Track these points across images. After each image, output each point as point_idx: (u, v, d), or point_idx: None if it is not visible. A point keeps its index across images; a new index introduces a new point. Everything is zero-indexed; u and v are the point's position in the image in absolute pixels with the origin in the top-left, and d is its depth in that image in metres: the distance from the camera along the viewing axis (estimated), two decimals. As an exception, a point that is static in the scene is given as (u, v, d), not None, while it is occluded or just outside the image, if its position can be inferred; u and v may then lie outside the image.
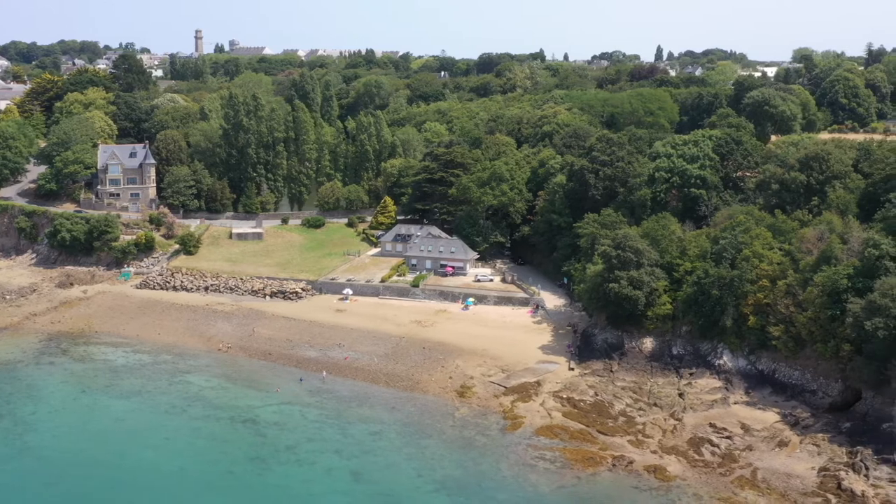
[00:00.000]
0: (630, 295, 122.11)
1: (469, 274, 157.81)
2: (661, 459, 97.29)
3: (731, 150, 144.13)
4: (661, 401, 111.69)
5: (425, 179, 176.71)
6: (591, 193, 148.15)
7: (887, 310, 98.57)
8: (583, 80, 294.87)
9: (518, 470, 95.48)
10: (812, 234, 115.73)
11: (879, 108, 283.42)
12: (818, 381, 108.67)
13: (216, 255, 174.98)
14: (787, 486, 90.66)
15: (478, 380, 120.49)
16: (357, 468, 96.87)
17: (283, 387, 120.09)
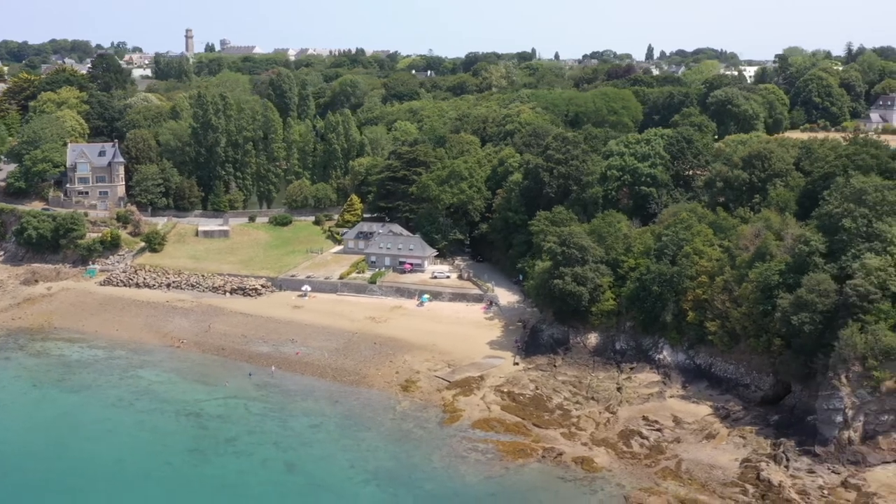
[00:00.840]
0: (574, 291, 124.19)
1: (427, 271, 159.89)
2: (591, 451, 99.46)
3: (682, 148, 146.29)
4: (598, 394, 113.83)
5: (388, 178, 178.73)
6: (546, 191, 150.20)
7: (813, 305, 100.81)
8: (559, 79, 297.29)
9: (449, 461, 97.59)
10: (749, 231, 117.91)
11: (854, 106, 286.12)
12: (751, 375, 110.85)
13: (181, 253, 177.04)
14: (708, 476, 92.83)
15: (423, 374, 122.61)
16: (293, 459, 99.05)
17: (232, 381, 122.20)
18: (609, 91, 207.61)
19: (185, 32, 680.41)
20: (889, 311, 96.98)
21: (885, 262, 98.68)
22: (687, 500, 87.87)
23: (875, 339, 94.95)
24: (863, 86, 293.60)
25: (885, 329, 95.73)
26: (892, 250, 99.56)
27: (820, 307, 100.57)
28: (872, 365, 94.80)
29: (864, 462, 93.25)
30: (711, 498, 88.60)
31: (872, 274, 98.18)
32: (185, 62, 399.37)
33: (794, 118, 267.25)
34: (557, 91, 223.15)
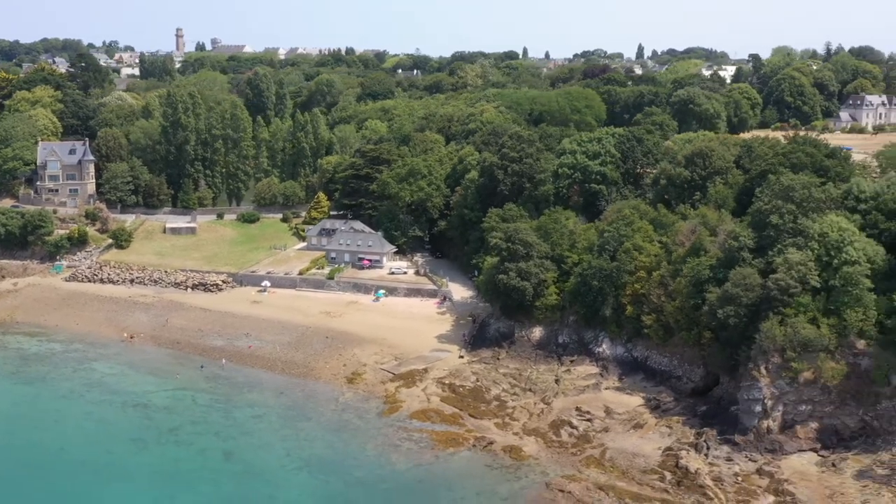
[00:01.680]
0: (518, 286, 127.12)
1: (385, 267, 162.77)
2: (521, 440, 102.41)
3: (632, 147, 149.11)
4: (536, 386, 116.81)
5: (352, 176, 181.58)
6: (500, 189, 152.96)
7: (738, 298, 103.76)
8: (535, 78, 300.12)
9: (382, 450, 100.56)
10: (686, 227, 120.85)
11: (827, 106, 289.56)
12: (683, 367, 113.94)
13: (147, 249, 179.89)
14: (630, 464, 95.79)
15: (370, 367, 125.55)
16: (231, 448, 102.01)
17: (183, 374, 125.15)
18: (573, 90, 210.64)
19: (175, 32, 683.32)
20: (808, 305, 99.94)
21: (806, 257, 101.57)
22: (605, 487, 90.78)
23: (794, 331, 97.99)
24: (836, 85, 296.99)
25: (803, 322, 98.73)
26: (813, 245, 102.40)
27: (745, 301, 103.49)
28: (791, 356, 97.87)
29: (781, 450, 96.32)
30: (629, 484, 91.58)
31: (793, 268, 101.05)
32: (168, 61, 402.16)
33: (766, 117, 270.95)
34: (523, 91, 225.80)
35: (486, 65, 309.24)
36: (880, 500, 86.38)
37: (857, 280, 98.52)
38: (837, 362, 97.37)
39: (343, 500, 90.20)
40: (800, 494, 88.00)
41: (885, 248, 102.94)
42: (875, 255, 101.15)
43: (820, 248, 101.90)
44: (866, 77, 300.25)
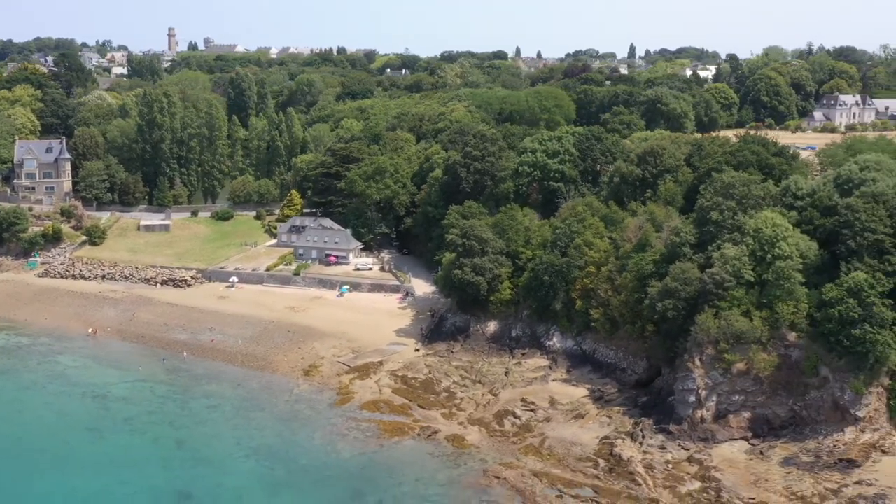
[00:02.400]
0: (473, 281, 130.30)
1: (351, 263, 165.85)
2: (465, 430, 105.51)
3: (591, 145, 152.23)
4: (485, 378, 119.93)
5: (322, 174, 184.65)
6: (462, 186, 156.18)
7: (677, 292, 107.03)
8: (515, 78, 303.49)
9: (329, 438, 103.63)
10: (634, 223, 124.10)
11: (804, 105, 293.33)
12: (628, 359, 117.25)
13: (120, 246, 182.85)
14: (567, 452, 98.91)
15: (327, 360, 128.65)
16: (183, 437, 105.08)
17: (145, 366, 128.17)
18: (542, 90, 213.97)
19: (167, 31, 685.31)
20: (742, 298, 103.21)
21: (741, 252, 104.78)
22: (540, 473, 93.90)
23: (727, 324, 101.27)
24: (813, 85, 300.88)
25: (737, 314, 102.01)
26: (748, 241, 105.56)
27: (683, 294, 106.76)
28: (724, 348, 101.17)
29: (713, 439, 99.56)
30: (563, 471, 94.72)
31: (728, 263, 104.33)
32: (156, 61, 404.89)
33: (742, 116, 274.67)
34: (493, 91, 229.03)
35: (466, 65, 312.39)
36: (802, 485, 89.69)
37: (788, 274, 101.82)
38: (769, 354, 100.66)
39: (286, 485, 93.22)
40: (725, 480, 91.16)
41: (818, 243, 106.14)
42: (808, 251, 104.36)
43: (754, 243, 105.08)
44: (843, 77, 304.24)
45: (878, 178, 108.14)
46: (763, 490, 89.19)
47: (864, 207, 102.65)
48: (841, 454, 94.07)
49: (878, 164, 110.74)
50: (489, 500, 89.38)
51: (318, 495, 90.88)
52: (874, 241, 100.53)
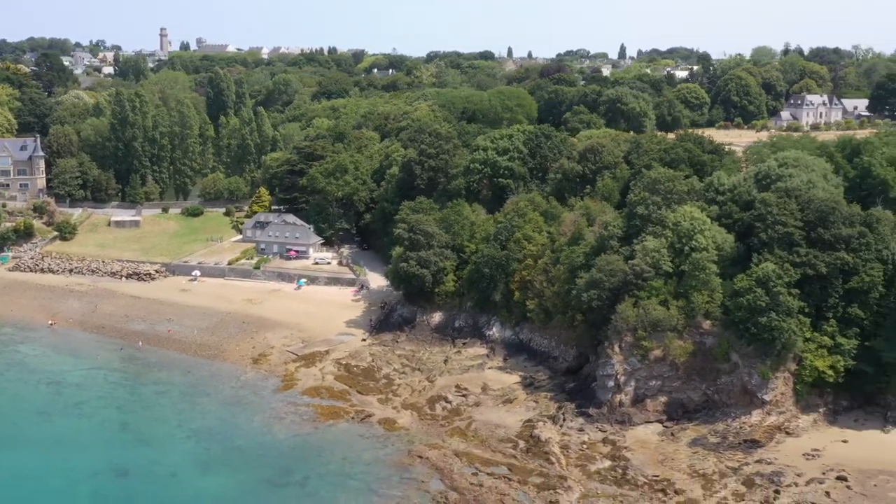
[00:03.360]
0: (418, 273, 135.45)
1: (311, 257, 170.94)
2: (398, 414, 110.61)
3: (540, 143, 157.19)
4: (424, 366, 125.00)
5: (287, 171, 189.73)
6: (417, 183, 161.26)
7: (601, 283, 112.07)
8: (491, 78, 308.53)
9: (267, 421, 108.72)
10: (569, 218, 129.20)
11: (775, 105, 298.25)
12: (560, 347, 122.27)
13: (90, 241, 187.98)
14: (490, 434, 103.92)
15: (277, 349, 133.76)
16: (129, 420, 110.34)
17: (102, 355, 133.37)
18: (505, 90, 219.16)
19: (159, 31, 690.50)
20: (661, 288, 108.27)
21: (661, 244, 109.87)
22: (461, 454, 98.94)
23: (645, 312, 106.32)
24: (784, 85, 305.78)
25: (655, 304, 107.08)
26: (668, 234, 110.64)
27: (608, 285, 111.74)
28: (642, 336, 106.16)
29: (630, 422, 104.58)
30: (484, 451, 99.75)
31: (648, 255, 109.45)
32: (142, 61, 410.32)
33: (713, 116, 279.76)
34: (458, 90, 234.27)
35: (441, 65, 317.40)
36: (705, 464, 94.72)
37: (704, 265, 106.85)
38: (685, 341, 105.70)
39: (219, 464, 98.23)
40: (634, 460, 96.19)
41: (737, 236, 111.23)
42: (724, 243, 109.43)
43: (673, 236, 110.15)
44: (813, 78, 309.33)
45: (794, 175, 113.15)
46: (668, 468, 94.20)
47: (777, 202, 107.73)
48: (746, 435, 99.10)
49: (796, 160, 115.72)
50: (409, 477, 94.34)
51: (248, 473, 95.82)
52: (784, 234, 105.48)
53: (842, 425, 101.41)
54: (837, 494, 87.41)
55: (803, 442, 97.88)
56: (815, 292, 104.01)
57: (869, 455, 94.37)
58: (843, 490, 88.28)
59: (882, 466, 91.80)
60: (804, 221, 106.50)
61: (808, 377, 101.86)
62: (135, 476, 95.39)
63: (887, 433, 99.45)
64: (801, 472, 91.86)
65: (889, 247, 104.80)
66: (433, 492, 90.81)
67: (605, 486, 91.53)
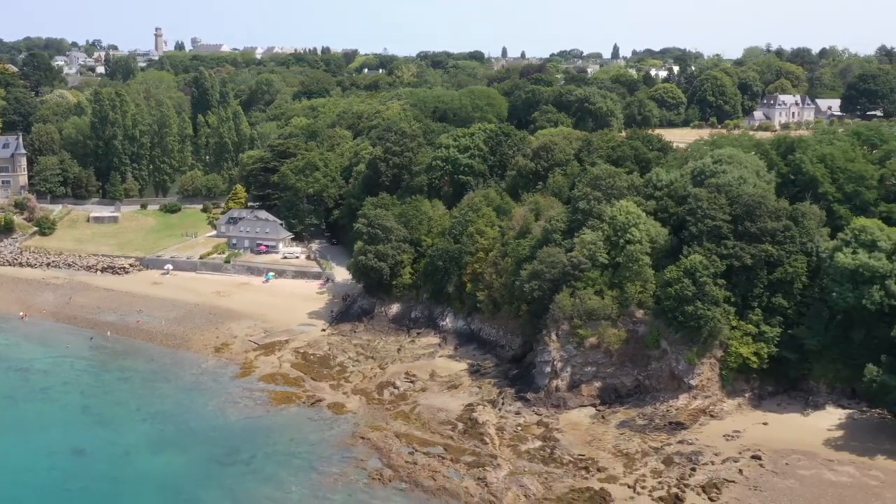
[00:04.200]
0: (375, 266, 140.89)
1: (280, 252, 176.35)
2: (347, 398, 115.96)
3: (500, 141, 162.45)
4: (378, 354, 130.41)
5: (261, 168, 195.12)
6: (382, 180, 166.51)
7: (543, 274, 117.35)
8: (471, 78, 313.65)
9: (222, 405, 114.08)
10: (519, 212, 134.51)
11: (751, 105, 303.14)
12: (507, 337, 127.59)
13: (69, 236, 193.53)
14: (432, 417, 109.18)
15: (240, 339, 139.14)
16: (90, 404, 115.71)
17: (72, 344, 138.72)
18: (476, 90, 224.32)
19: (154, 31, 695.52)
20: (597, 279, 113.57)
21: (597, 237, 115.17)
22: (401, 435, 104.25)
23: (581, 302, 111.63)
24: (760, 85, 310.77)
25: (590, 294, 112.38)
26: (604, 227, 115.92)
27: (548, 276, 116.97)
28: (578, 324, 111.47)
29: (565, 406, 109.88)
30: (424, 433, 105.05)
31: (585, 247, 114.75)
32: (132, 61, 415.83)
33: (689, 116, 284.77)
34: (431, 90, 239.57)
35: (422, 65, 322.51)
36: (629, 444, 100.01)
37: (637, 257, 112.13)
38: (618, 329, 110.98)
39: (171, 444, 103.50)
40: (563, 440, 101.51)
41: (672, 229, 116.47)
42: (658, 236, 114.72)
43: (610, 229, 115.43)
44: (788, 78, 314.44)
45: (727, 171, 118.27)
46: (594, 448, 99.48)
47: (707, 196, 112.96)
48: (672, 418, 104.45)
49: (731, 157, 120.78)
50: (350, 456, 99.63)
51: (197, 452, 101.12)
52: (713, 227, 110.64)
53: (765, 409, 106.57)
54: (750, 472, 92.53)
55: (726, 424, 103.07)
56: (741, 283, 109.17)
57: (786, 436, 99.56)
58: (756, 468, 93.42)
59: (796, 447, 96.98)
60: (732, 215, 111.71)
61: (734, 363, 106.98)
62: (90, 455, 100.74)
63: (807, 416, 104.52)
64: (720, 451, 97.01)
65: (813, 240, 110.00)
66: (370, 469, 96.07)
67: (532, 464, 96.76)
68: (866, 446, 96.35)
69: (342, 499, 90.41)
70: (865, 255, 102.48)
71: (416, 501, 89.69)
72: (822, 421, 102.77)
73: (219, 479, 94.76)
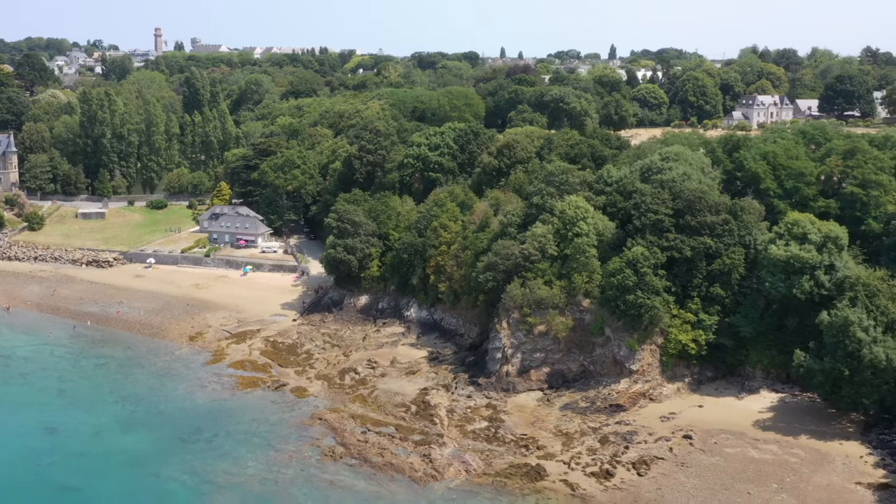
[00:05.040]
0: (345, 259, 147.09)
1: (259, 246, 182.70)
2: (310, 383, 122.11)
3: (469, 140, 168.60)
4: (344, 342, 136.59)
5: (243, 166, 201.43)
6: (356, 177, 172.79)
7: (497, 265, 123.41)
8: (457, 78, 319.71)
9: (191, 389, 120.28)
10: (480, 207, 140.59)
11: (732, 105, 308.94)
12: (465, 326, 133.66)
13: (56, 231, 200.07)
14: (388, 400, 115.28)
15: (214, 328, 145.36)
16: (66, 387, 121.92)
17: (54, 333, 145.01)
18: (454, 90, 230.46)
19: (154, 31, 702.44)
20: (546, 270, 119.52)
21: (547, 230, 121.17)
22: (357, 416, 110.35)
23: (531, 291, 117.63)
24: (741, 86, 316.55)
25: (540, 283, 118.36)
26: (554, 221, 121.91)
27: (502, 267, 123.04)
28: (528, 313, 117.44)
29: (514, 390, 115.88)
30: (378, 414, 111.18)
31: (536, 239, 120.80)
32: (127, 61, 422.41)
33: (671, 115, 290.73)
34: (411, 90, 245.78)
35: (409, 65, 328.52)
36: (570, 424, 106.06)
37: (584, 249, 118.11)
38: (566, 317, 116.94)
39: (140, 424, 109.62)
40: (509, 421, 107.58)
41: (619, 223, 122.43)
42: (605, 229, 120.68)
43: (559, 223, 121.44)
44: (770, 79, 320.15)
45: (672, 168, 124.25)
46: (536, 429, 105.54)
47: (651, 192, 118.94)
48: (613, 401, 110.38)
49: (678, 155, 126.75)
50: (306, 435, 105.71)
51: (164, 431, 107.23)
52: (655, 221, 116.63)
53: (703, 393, 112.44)
54: (679, 450, 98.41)
55: (663, 407, 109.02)
56: (681, 273, 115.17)
57: (718, 418, 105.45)
58: (686, 446, 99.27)
59: (726, 427, 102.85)
60: (675, 210, 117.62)
61: (673, 350, 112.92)
62: (62, 433, 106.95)
63: (741, 399, 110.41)
64: (654, 431, 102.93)
65: (752, 233, 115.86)
66: (324, 447, 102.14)
67: (476, 442, 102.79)
68: (792, 427, 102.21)
69: (294, 473, 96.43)
70: (797, 248, 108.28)
71: (364, 476, 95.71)
72: (754, 404, 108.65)
73: (181, 456, 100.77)
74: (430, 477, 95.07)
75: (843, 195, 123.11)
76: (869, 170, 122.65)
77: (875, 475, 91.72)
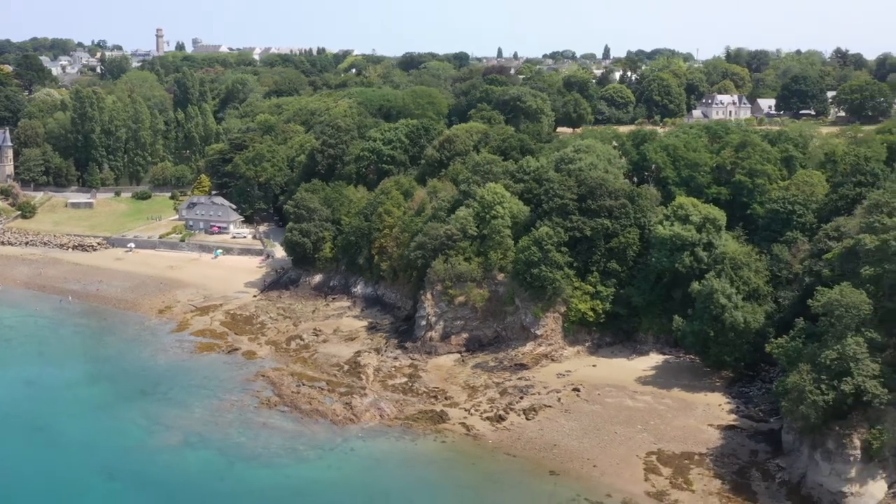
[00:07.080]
0: (300, 241, 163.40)
1: (230, 232, 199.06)
2: (259, 348, 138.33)
3: (420, 135, 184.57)
4: (295, 315, 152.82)
5: (220, 160, 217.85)
6: (318, 169, 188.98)
7: (426, 245, 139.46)
8: (435, 79, 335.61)
9: (154, 353, 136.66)
10: (419, 194, 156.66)
11: (696, 104, 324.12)
12: (402, 299, 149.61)
13: (47, 219, 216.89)
14: (326, 361, 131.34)
15: (182, 303, 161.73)
16: (44, 351, 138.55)
17: (37, 306, 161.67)
18: (418, 90, 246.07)
19: (155, 31, 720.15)
20: (467, 248, 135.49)
21: (469, 213, 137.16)
22: (295, 374, 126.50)
23: (452, 266, 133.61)
24: (706, 86, 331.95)
25: (460, 260, 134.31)
26: (475, 205, 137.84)
27: (430, 246, 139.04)
28: (449, 285, 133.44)
29: (436, 352, 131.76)
30: (315, 372, 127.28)
31: (458, 221, 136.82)
32: (125, 61, 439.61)
33: (637, 114, 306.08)
34: (378, 89, 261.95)
35: (389, 66, 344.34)
36: (477, 380, 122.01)
37: (500, 230, 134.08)
38: (482, 289, 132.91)
39: (106, 379, 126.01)
40: (425, 378, 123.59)
41: (532, 207, 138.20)
42: (519, 213, 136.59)
43: (479, 206, 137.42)
44: (733, 79, 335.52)
45: (582, 158, 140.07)
46: (447, 383, 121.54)
47: (558, 179, 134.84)
48: (518, 361, 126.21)
49: (588, 147, 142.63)
50: (249, 389, 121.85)
51: (124, 385, 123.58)
52: (561, 205, 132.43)
53: (600, 355, 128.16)
54: (566, 400, 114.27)
55: (562, 366, 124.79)
56: (583, 250, 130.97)
57: (607, 375, 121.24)
58: (573, 397, 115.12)
59: (611, 382, 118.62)
60: (579, 195, 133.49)
61: (574, 317, 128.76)
62: (37, 385, 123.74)
63: (631, 360, 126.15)
64: (548, 385, 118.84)
65: (647, 216, 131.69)
66: (262, 397, 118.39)
67: (394, 394, 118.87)
68: (667, 381, 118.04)
69: (233, 417, 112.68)
70: (679, 227, 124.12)
71: (292, 419, 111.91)
72: (641, 364, 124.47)
73: (138, 403, 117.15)
74: (349, 420, 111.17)
75: (732, 183, 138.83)
76: (756, 161, 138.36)
77: (727, 419, 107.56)
